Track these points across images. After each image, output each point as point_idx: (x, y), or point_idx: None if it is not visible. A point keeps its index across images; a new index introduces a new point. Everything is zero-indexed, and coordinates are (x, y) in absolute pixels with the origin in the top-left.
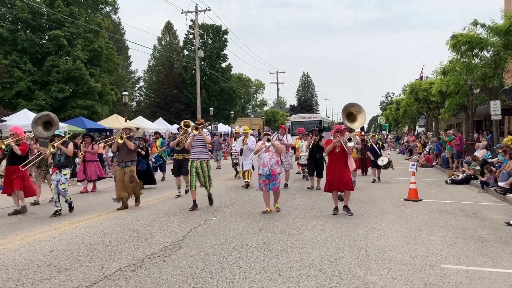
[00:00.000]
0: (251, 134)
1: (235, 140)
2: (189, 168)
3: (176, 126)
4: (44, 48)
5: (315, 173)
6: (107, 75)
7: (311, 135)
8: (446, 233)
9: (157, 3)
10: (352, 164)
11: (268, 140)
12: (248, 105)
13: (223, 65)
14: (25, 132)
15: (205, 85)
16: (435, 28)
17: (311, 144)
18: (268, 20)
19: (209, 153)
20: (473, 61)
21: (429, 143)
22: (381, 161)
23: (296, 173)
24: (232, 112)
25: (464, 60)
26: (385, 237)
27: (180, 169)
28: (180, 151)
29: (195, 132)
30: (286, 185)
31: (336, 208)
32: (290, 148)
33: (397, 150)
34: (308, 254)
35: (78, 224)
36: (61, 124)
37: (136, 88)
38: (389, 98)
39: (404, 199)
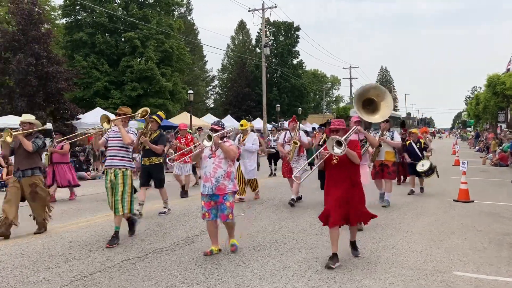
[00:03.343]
0: (252, 130)
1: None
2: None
3: None
4: (120, 49)
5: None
6: (178, 75)
7: (319, 132)
8: (481, 238)
9: (233, 2)
10: (365, 177)
11: (210, 138)
12: (322, 101)
13: (295, 61)
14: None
15: (276, 82)
16: None
17: (320, 142)
18: (348, 14)
19: (132, 158)
20: None
21: (505, 140)
22: (421, 166)
23: None
24: (300, 108)
25: None
26: (408, 240)
27: (149, 178)
28: (146, 154)
29: (105, 126)
30: (297, 199)
31: (334, 256)
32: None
33: (476, 147)
34: (315, 255)
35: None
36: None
37: (211, 87)
38: (475, 92)
39: (454, 200)
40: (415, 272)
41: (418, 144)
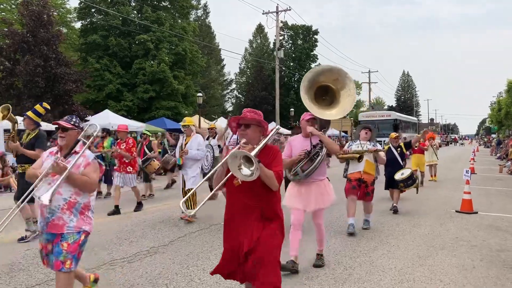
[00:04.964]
0: (214, 133)
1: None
2: None
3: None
4: (133, 52)
5: None
6: (191, 78)
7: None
8: (472, 255)
9: (252, 5)
10: (330, 195)
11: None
12: None
13: (313, 65)
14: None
15: (294, 86)
16: None
17: None
18: (370, 18)
19: None
20: None
21: None
22: (400, 174)
23: None
24: None
25: None
26: (390, 255)
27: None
28: (19, 159)
29: None
30: None
31: None
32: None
33: (497, 154)
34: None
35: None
36: (140, 124)
37: (229, 90)
38: (500, 98)
39: (456, 211)
40: None
41: (399, 149)
